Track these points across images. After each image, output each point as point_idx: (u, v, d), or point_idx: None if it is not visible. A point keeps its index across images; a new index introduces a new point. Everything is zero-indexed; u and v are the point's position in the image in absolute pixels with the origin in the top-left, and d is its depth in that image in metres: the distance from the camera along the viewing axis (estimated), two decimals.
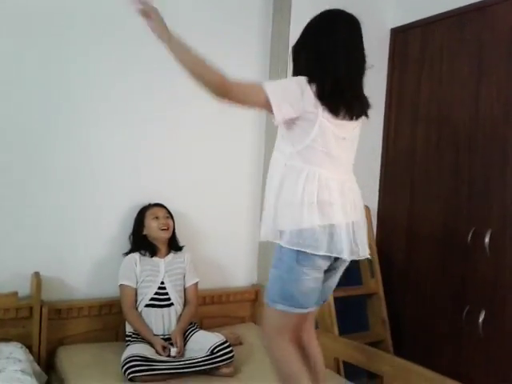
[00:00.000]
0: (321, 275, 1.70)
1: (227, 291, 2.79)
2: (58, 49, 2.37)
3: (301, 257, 1.62)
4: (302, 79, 1.62)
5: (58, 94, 2.39)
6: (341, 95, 1.63)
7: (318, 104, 1.60)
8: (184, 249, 2.52)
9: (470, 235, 2.65)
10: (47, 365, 2.29)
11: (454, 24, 2.80)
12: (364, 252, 1.73)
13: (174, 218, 2.51)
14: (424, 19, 2.95)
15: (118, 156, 2.53)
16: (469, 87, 2.71)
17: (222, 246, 2.81)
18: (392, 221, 3.15)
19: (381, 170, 3.22)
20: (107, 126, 2.50)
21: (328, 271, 1.75)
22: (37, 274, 2.27)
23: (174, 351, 2.21)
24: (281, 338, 1.73)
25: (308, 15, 1.76)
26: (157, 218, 2.42)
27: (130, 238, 2.49)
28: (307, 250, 1.60)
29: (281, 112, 1.58)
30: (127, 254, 2.42)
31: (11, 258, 2.30)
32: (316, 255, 1.61)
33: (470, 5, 2.69)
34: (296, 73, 1.70)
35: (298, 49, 1.73)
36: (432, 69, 2.92)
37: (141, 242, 2.44)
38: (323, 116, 1.61)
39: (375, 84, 3.16)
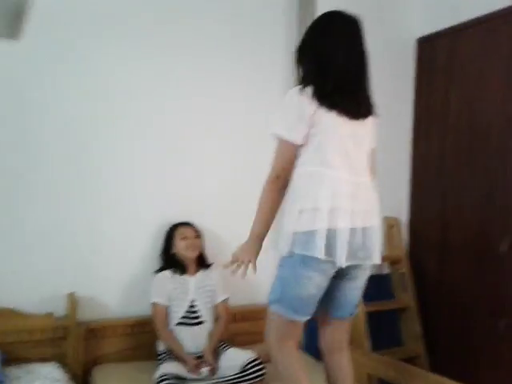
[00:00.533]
0: (325, 282, 1.69)
1: (258, 308, 2.78)
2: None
3: (305, 259, 1.63)
4: (295, 95, 1.65)
5: (90, 109, 2.44)
6: (340, 95, 1.65)
7: (317, 105, 1.63)
8: (213, 266, 2.53)
9: (505, 244, 2.58)
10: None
11: (482, 31, 2.74)
12: (376, 259, 1.73)
13: (204, 235, 2.53)
14: (451, 27, 2.90)
15: (145, 173, 2.57)
16: (500, 94, 2.65)
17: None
18: (423, 232, 3.09)
19: (410, 180, 3.18)
20: (135, 142, 2.54)
21: (342, 279, 1.74)
22: (72, 295, 2.32)
23: (205, 370, 2.22)
24: (283, 344, 1.75)
25: None
26: (185, 238, 2.45)
27: (160, 256, 2.52)
28: (307, 253, 1.62)
29: (297, 134, 1.67)
30: (158, 271, 2.45)
31: (46, 278, 2.36)
32: (319, 258, 1.61)
33: (498, 11, 2.64)
34: (299, 75, 1.76)
35: (299, 51, 1.77)
36: (461, 77, 2.87)
37: (170, 261, 2.47)
38: (325, 115, 1.64)
39: (401, 93, 3.13)
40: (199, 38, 2.64)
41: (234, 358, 2.28)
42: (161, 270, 2.46)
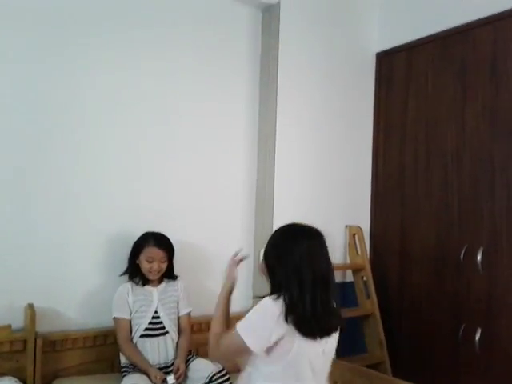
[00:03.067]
0: None
1: None
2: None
3: None
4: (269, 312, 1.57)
5: (45, 121, 2.39)
6: (308, 323, 1.56)
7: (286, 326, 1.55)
8: (178, 278, 2.50)
9: (462, 253, 2.67)
10: None
11: (437, 46, 2.88)
12: None
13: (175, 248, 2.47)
14: (408, 43, 3.03)
15: (107, 184, 2.53)
16: (454, 106, 2.78)
17: (213, 273, 2.79)
18: (384, 240, 3.17)
19: (371, 190, 3.26)
20: (94, 147, 2.50)
21: None
22: (30, 306, 2.23)
23: (170, 379, 2.17)
24: None
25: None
26: (151, 260, 2.32)
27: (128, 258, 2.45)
28: None
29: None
30: (123, 274, 2.40)
31: (3, 289, 2.26)
32: None
33: (452, 28, 2.78)
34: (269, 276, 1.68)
35: (266, 261, 1.69)
36: (418, 90, 3.00)
37: (134, 270, 2.42)
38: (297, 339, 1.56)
39: (362, 106, 3.24)
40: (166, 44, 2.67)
41: (201, 369, 2.25)
42: (125, 272, 2.40)
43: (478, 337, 2.58)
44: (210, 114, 2.83)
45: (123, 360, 2.31)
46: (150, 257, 2.34)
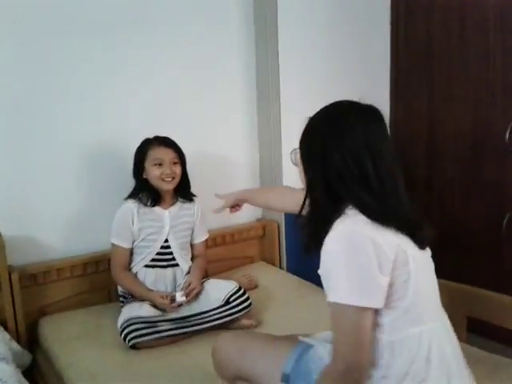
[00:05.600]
0: None
1: (231, 230, 2.41)
2: None
3: None
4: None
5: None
6: (387, 215, 1.06)
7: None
8: (196, 199, 2.06)
9: (507, 132, 2.27)
10: (30, 341, 1.91)
11: None
12: None
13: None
14: None
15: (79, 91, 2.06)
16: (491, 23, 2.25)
17: (219, 179, 2.37)
18: (408, 130, 2.74)
19: (391, 71, 2.77)
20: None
21: None
22: None
23: (179, 295, 1.83)
24: None
25: None
26: (160, 164, 1.89)
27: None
28: None
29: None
30: (129, 197, 1.96)
31: None
32: None
33: None
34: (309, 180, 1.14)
35: (303, 152, 1.16)
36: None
37: (141, 187, 1.96)
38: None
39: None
40: None
41: (215, 290, 1.90)
42: (130, 196, 1.96)
43: None
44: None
45: (121, 288, 1.95)
46: (158, 158, 1.89)
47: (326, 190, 1.09)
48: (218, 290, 1.89)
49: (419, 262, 1.07)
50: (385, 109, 2.69)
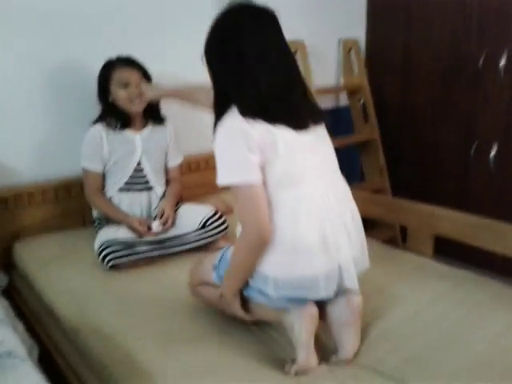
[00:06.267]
0: None
1: (205, 156, 2.37)
2: None
3: None
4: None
5: None
6: (265, 111, 1.21)
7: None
8: (167, 121, 2.00)
9: (481, 59, 2.28)
10: (6, 265, 1.89)
11: None
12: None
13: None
14: None
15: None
16: None
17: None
18: (383, 55, 2.72)
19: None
20: None
21: None
22: None
23: (155, 225, 1.84)
24: None
25: None
26: (126, 84, 1.82)
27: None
28: None
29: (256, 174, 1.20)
30: (94, 123, 1.89)
31: None
32: None
33: None
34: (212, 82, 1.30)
35: (206, 56, 1.29)
36: None
37: (108, 110, 1.88)
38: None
39: None
40: None
41: (191, 215, 1.91)
42: (98, 120, 1.89)
43: (492, 153, 2.32)
44: None
45: (96, 213, 1.94)
46: (123, 78, 1.82)
47: (220, 91, 1.26)
48: (195, 214, 1.90)
49: (294, 141, 1.22)
50: (361, 33, 2.70)
